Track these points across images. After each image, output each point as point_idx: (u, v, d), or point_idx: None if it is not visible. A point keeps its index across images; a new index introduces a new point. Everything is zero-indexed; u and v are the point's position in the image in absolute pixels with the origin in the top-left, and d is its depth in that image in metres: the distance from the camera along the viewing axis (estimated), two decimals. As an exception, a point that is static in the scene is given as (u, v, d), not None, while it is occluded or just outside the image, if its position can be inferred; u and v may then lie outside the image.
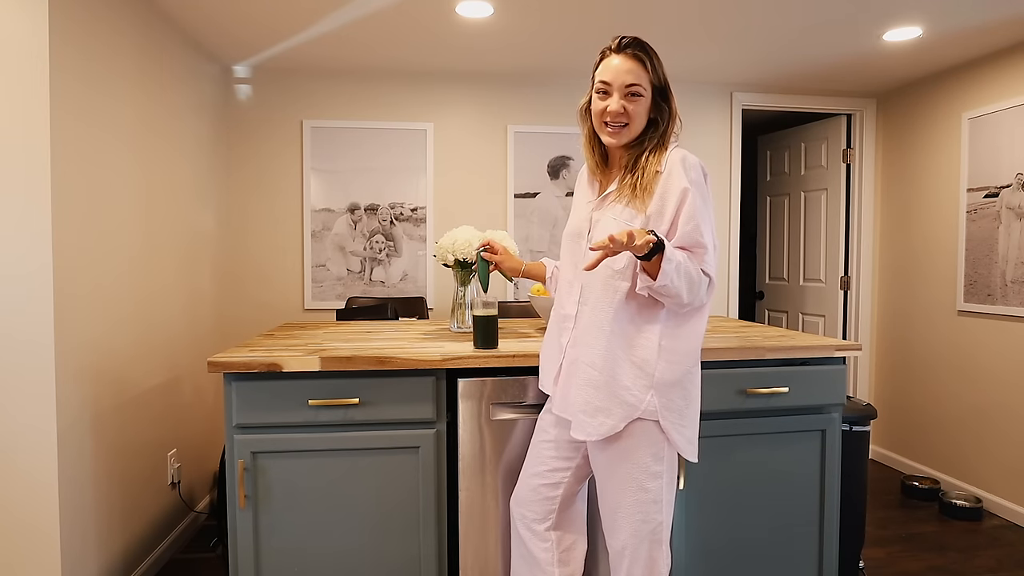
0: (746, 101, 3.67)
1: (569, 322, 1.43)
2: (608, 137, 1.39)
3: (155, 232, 2.45)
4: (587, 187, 1.51)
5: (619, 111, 1.35)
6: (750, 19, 2.63)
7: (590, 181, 1.51)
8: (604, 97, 1.38)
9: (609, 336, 1.35)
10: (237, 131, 3.29)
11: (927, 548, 2.63)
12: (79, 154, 1.93)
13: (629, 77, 1.34)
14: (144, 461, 2.36)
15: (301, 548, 1.58)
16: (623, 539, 1.38)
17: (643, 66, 1.35)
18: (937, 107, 3.37)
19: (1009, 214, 2.93)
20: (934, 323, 3.39)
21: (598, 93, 1.39)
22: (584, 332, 1.39)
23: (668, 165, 1.36)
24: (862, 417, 2.15)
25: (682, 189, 1.32)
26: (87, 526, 1.97)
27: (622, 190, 1.38)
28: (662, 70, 1.38)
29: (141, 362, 2.34)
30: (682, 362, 1.37)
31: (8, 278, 1.77)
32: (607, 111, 1.36)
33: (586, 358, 1.37)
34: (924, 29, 2.72)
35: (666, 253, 1.22)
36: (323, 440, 1.56)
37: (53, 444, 1.81)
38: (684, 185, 1.32)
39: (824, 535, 1.78)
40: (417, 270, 3.42)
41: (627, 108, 1.35)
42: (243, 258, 3.32)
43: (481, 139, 3.47)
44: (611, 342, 1.34)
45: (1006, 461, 2.98)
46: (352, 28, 2.71)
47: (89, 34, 1.99)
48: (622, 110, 1.35)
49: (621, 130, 1.37)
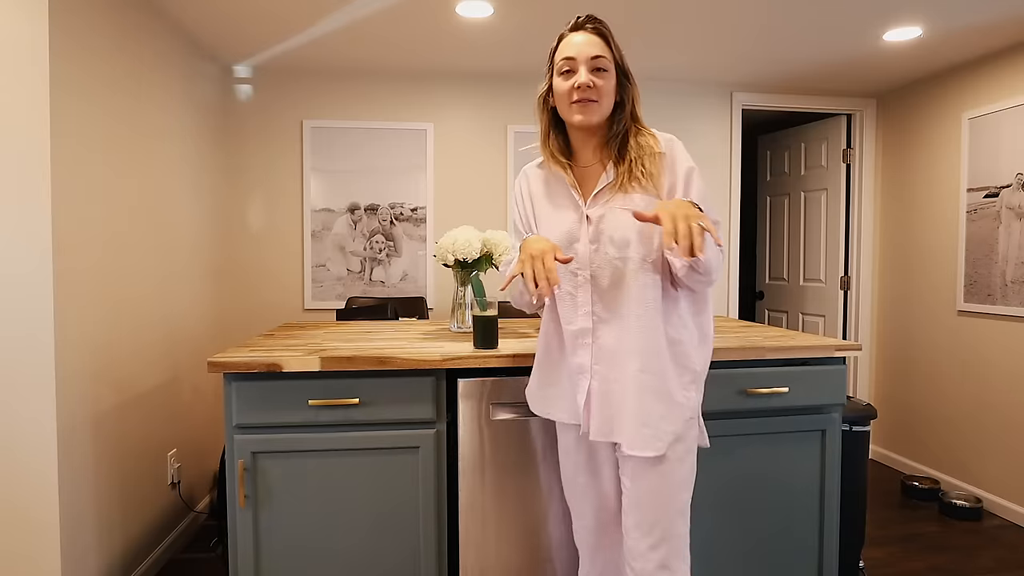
0: (746, 101, 3.67)
1: (586, 337, 1.33)
2: (578, 115, 1.29)
3: (155, 232, 2.45)
4: (556, 191, 1.39)
5: (588, 83, 1.26)
6: (750, 19, 2.63)
7: (552, 184, 1.40)
8: (569, 75, 1.29)
9: (650, 334, 1.27)
10: (237, 131, 3.29)
11: (927, 548, 2.63)
12: (79, 154, 1.93)
13: (594, 49, 1.28)
14: (144, 461, 2.36)
15: (301, 548, 1.58)
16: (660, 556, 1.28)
17: (605, 42, 1.30)
18: (937, 107, 3.37)
19: (1009, 214, 2.93)
20: (934, 323, 3.39)
21: (561, 74, 1.31)
22: (620, 339, 1.30)
23: (666, 146, 1.32)
24: (862, 417, 2.15)
25: (688, 168, 1.30)
26: (87, 526, 1.97)
27: (622, 179, 1.30)
28: (619, 50, 1.33)
29: (141, 362, 2.34)
30: (710, 348, 1.36)
31: (8, 278, 1.77)
32: (575, 87, 1.27)
33: (634, 365, 1.27)
34: (924, 29, 2.72)
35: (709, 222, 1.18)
36: (323, 440, 1.56)
37: (53, 444, 1.81)
38: (690, 164, 1.31)
39: (824, 535, 1.78)
40: (417, 270, 3.42)
41: (595, 83, 1.27)
42: (243, 258, 3.32)
43: (481, 139, 3.47)
44: (654, 340, 1.27)
45: (1006, 461, 2.97)
46: (352, 28, 2.71)
47: (89, 34, 1.98)
48: (591, 83, 1.27)
49: (591, 106, 1.28)
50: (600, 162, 1.36)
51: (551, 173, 1.40)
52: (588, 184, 1.36)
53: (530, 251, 1.25)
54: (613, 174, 1.32)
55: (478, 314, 1.66)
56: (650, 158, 1.30)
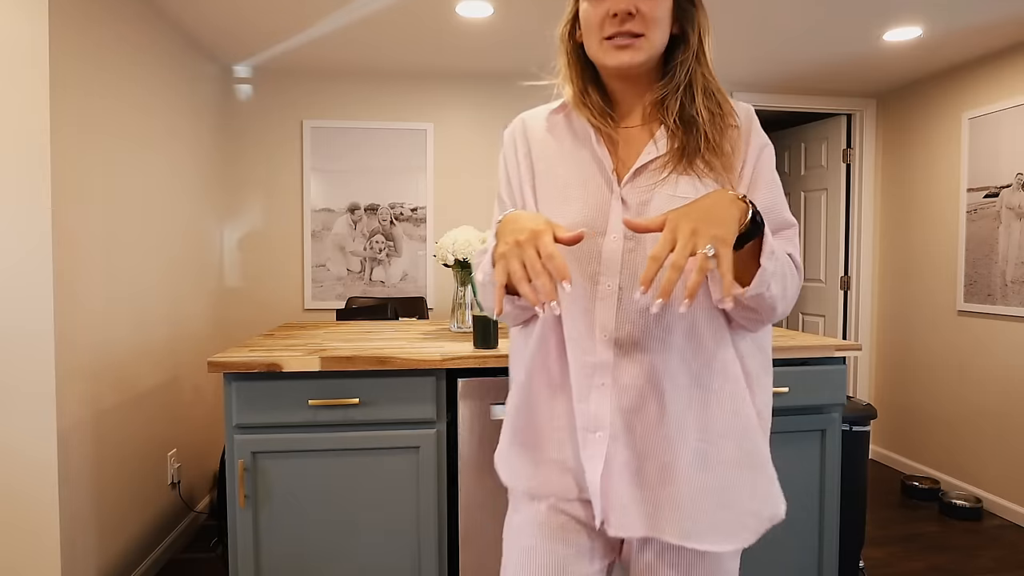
0: (746, 101, 3.66)
1: (605, 375, 0.88)
2: (616, 56, 0.89)
3: (155, 231, 2.45)
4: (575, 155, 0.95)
5: (630, 10, 0.87)
6: (750, 19, 2.63)
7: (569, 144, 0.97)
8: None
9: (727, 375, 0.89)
10: (237, 131, 3.29)
11: (927, 548, 2.63)
12: (79, 154, 1.93)
13: None
14: (144, 461, 2.36)
15: (301, 548, 1.58)
16: None
17: None
18: (937, 107, 3.37)
19: (1009, 214, 2.93)
20: (934, 323, 3.39)
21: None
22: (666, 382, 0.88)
23: (744, 118, 0.95)
24: (862, 417, 2.15)
25: (761, 145, 0.94)
26: (87, 526, 1.97)
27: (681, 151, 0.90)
28: None
29: (141, 362, 2.34)
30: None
31: (8, 278, 1.77)
32: (610, 14, 0.87)
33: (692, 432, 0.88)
34: (924, 29, 2.72)
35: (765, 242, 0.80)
36: (323, 440, 1.56)
37: (53, 444, 1.81)
38: (764, 141, 0.95)
39: (824, 535, 1.78)
40: (417, 270, 3.42)
41: (639, 8, 0.87)
42: (243, 258, 3.32)
43: (481, 139, 3.47)
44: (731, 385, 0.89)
45: (1006, 461, 2.97)
46: (352, 28, 2.71)
47: (89, 34, 1.98)
48: (633, 9, 0.87)
49: (634, 43, 0.88)
50: (647, 124, 0.95)
51: (569, 127, 0.98)
52: (628, 152, 0.94)
53: (513, 235, 0.80)
54: (665, 144, 0.91)
55: (478, 314, 1.66)
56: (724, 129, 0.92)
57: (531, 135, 1.01)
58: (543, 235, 0.78)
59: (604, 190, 0.92)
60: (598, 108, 0.95)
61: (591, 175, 0.93)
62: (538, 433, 0.96)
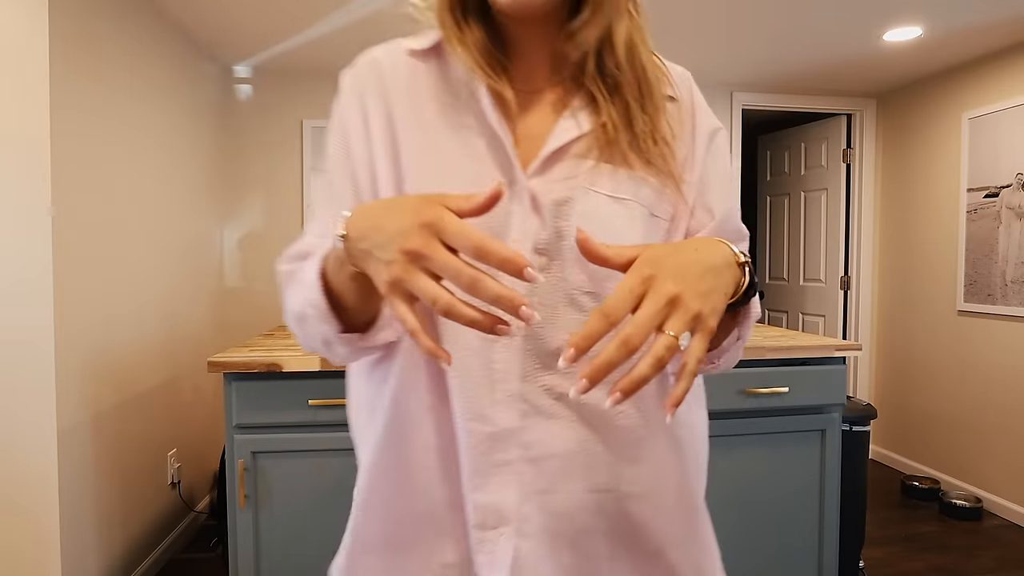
0: (746, 101, 3.66)
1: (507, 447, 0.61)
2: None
3: (155, 231, 2.45)
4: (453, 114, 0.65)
5: None
6: (750, 19, 2.63)
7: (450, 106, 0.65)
8: None
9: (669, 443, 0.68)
10: (237, 131, 3.29)
11: (927, 548, 2.63)
12: (79, 154, 1.93)
13: None
14: (144, 461, 2.36)
15: (301, 548, 1.58)
16: None
17: None
18: (937, 107, 3.37)
19: (1009, 214, 2.93)
20: (934, 323, 3.39)
21: None
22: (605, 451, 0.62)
23: (682, 85, 0.70)
24: (862, 417, 2.15)
25: (713, 132, 0.70)
26: (87, 526, 1.97)
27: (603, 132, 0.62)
28: None
29: (141, 362, 2.34)
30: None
31: (8, 278, 1.77)
32: None
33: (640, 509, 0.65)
34: (924, 29, 2.72)
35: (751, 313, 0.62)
36: (323, 440, 1.56)
37: (53, 444, 1.81)
38: (715, 124, 0.70)
39: (824, 535, 1.78)
40: (417, 270, 3.42)
41: None
42: (243, 257, 3.32)
43: (481, 139, 3.46)
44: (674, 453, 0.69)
45: (1006, 461, 2.97)
46: (352, 28, 2.71)
47: (89, 34, 1.98)
48: None
49: None
50: (558, 85, 0.67)
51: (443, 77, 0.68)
52: (532, 127, 0.65)
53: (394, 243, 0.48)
54: (587, 119, 0.63)
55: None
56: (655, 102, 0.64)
57: (390, 83, 0.67)
58: (442, 219, 0.46)
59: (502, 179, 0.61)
60: (485, 52, 0.63)
61: (479, 154, 0.62)
62: (403, 532, 0.65)
